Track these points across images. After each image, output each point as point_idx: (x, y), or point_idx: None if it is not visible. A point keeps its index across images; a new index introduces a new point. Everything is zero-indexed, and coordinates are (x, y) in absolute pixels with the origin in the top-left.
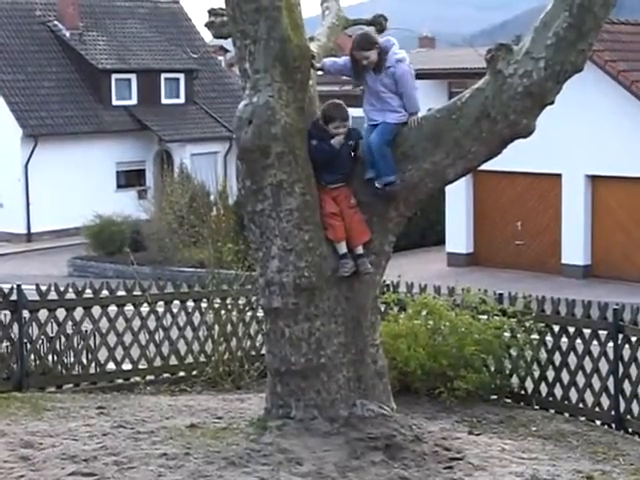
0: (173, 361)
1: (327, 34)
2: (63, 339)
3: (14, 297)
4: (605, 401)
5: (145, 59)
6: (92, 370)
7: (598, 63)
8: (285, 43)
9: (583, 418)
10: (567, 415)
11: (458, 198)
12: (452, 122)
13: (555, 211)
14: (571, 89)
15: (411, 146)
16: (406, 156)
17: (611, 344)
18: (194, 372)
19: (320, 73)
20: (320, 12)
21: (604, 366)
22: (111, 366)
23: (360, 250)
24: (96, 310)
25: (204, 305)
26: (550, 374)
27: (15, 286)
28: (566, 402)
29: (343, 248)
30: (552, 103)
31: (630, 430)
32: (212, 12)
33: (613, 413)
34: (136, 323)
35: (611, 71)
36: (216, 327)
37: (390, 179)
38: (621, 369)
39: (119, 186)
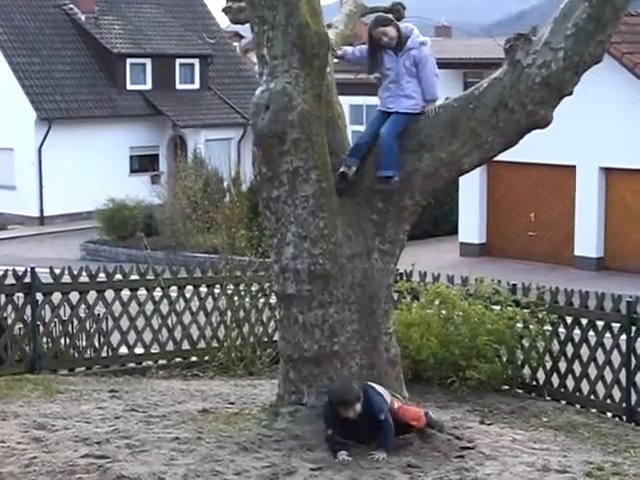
0: (185, 346)
1: (345, 22)
2: (76, 322)
3: (28, 279)
4: (617, 393)
5: (160, 44)
6: (104, 353)
7: (615, 55)
8: (303, 29)
9: (594, 410)
10: (578, 407)
11: (472, 188)
12: (469, 111)
13: (569, 203)
14: (588, 81)
15: (428, 135)
16: (422, 145)
17: (624, 336)
18: (206, 357)
19: (336, 61)
20: None
21: (616, 358)
22: (123, 350)
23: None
24: (109, 294)
25: (217, 291)
26: (562, 365)
27: (29, 268)
28: (578, 394)
29: None
30: (570, 94)
31: None
32: None
33: (624, 405)
34: (149, 307)
35: (628, 63)
36: (229, 313)
37: (389, 174)
38: (633, 361)
39: (132, 171)
